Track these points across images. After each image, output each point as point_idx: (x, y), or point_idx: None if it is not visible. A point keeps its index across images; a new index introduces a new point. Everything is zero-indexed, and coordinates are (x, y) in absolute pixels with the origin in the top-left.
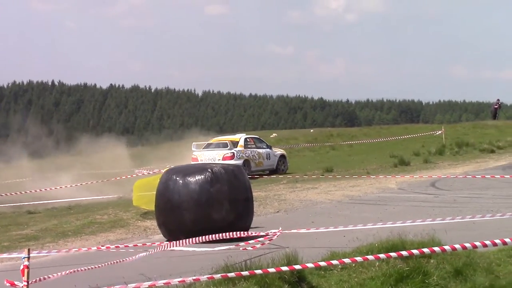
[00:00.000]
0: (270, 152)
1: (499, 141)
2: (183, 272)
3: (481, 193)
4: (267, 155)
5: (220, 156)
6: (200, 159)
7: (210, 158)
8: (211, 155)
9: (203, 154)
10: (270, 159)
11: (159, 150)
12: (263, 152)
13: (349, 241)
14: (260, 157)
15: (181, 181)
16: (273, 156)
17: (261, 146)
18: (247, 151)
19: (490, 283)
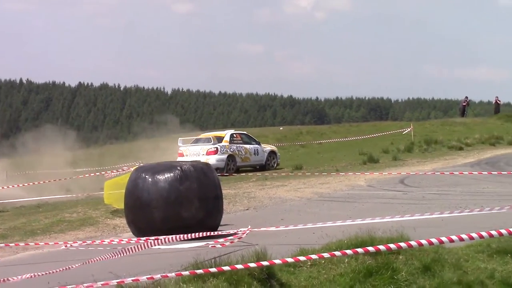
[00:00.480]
0: (259, 148)
1: (467, 139)
2: (151, 270)
3: (450, 190)
4: (255, 150)
5: (204, 151)
6: (185, 154)
7: (195, 153)
8: (195, 150)
9: (188, 149)
10: (258, 155)
11: (123, 148)
12: (250, 147)
13: (319, 238)
14: (247, 152)
15: (150, 179)
16: (261, 152)
17: (249, 142)
18: (232, 146)
19: (458, 279)
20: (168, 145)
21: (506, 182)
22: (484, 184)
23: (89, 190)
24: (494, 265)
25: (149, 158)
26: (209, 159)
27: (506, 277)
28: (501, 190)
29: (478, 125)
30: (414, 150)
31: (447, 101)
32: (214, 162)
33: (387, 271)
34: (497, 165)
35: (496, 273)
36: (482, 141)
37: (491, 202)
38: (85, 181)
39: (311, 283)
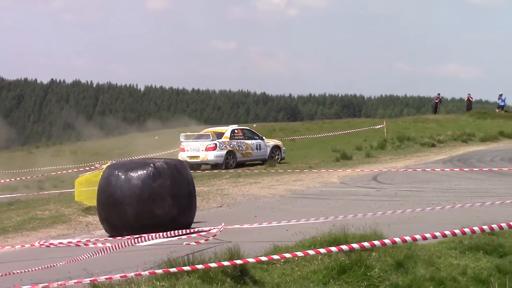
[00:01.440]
0: (261, 142)
1: (439, 135)
2: (125, 267)
3: (422, 187)
4: (258, 145)
5: (203, 147)
6: (186, 149)
7: (195, 149)
8: (195, 145)
9: (189, 144)
10: (260, 150)
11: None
12: (252, 142)
13: (292, 235)
14: (248, 147)
15: (123, 177)
16: (264, 146)
17: (252, 137)
18: (233, 142)
19: (430, 275)
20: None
21: (478, 178)
22: (456, 180)
23: (61, 187)
24: (466, 262)
25: (122, 155)
26: (208, 155)
27: (478, 273)
28: (473, 186)
29: (450, 122)
30: (387, 147)
31: (420, 98)
32: (212, 158)
33: (360, 268)
34: (469, 162)
35: (468, 270)
36: (454, 138)
37: (463, 198)
38: (57, 178)
39: (285, 280)
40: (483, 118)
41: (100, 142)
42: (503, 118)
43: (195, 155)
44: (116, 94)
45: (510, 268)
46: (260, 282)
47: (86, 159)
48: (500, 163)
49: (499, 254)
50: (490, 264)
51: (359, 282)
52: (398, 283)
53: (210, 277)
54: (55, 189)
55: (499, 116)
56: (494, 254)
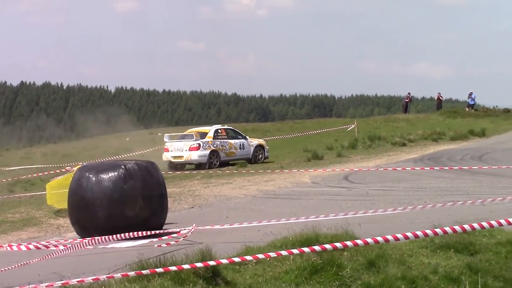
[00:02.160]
0: (245, 142)
1: (410, 135)
2: (96, 270)
3: (393, 186)
4: (241, 145)
5: (187, 147)
6: (170, 150)
7: (179, 149)
8: (179, 145)
9: (173, 144)
10: (244, 149)
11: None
12: (235, 142)
13: (264, 236)
14: (232, 147)
15: (94, 178)
16: (247, 146)
17: (235, 136)
18: (216, 141)
19: (402, 274)
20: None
21: (448, 177)
22: (427, 179)
23: (31, 190)
24: (438, 260)
25: (93, 157)
26: (192, 155)
27: (449, 271)
28: (443, 185)
29: (421, 121)
30: (358, 146)
31: (390, 98)
32: (196, 158)
33: (332, 267)
34: (440, 161)
35: (439, 268)
36: (425, 137)
37: (434, 197)
38: (28, 181)
39: (257, 281)
40: (453, 117)
41: (70, 144)
42: (472, 116)
43: (179, 155)
44: (87, 96)
45: (481, 266)
46: (232, 283)
47: (56, 161)
48: (470, 162)
49: (469, 252)
50: (461, 262)
51: (331, 282)
52: (370, 283)
53: (182, 279)
54: (25, 191)
55: (469, 115)
56: (465, 252)
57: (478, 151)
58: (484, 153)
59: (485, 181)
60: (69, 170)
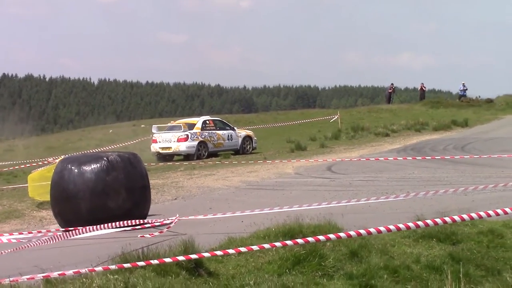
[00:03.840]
0: (233, 133)
1: (393, 125)
2: (78, 262)
3: (376, 176)
4: (229, 136)
5: (175, 138)
6: (158, 141)
7: (167, 140)
8: (167, 137)
9: (161, 136)
10: (232, 140)
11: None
12: (223, 133)
13: (247, 226)
14: (220, 138)
15: (77, 170)
16: (235, 137)
17: (223, 127)
18: (204, 133)
19: (384, 264)
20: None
21: (431, 167)
22: (410, 169)
23: (14, 182)
24: (420, 250)
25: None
26: (180, 146)
27: (431, 261)
28: (426, 175)
29: (404, 111)
30: (341, 137)
31: (374, 88)
32: (184, 149)
33: (315, 258)
34: (423, 151)
35: (421, 258)
36: (408, 127)
37: (417, 187)
38: (10, 173)
39: (239, 272)
40: (436, 107)
41: (53, 136)
42: (455, 107)
43: (167, 146)
44: (69, 88)
45: (462, 255)
46: (215, 274)
47: (39, 153)
48: (453, 152)
49: (452, 241)
50: (443, 252)
51: (313, 272)
52: (353, 272)
53: (165, 270)
54: (8, 184)
55: (452, 105)
56: (447, 241)
57: (461, 141)
58: (466, 143)
59: (467, 170)
60: (51, 162)
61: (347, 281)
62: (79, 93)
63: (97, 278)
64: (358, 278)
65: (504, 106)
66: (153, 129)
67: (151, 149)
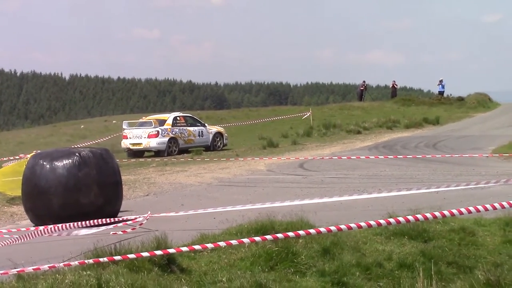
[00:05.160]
0: (204, 129)
1: (365, 122)
2: (50, 258)
3: (348, 174)
4: (200, 132)
5: (146, 134)
6: (129, 137)
7: (138, 136)
8: (138, 133)
9: (131, 132)
10: (203, 136)
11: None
12: (194, 129)
13: (219, 223)
14: (191, 134)
15: (48, 166)
16: (206, 133)
17: (194, 123)
18: (175, 129)
19: (357, 261)
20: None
21: (403, 165)
22: (382, 167)
23: None
24: (392, 247)
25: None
26: (150, 142)
27: (403, 258)
28: (398, 173)
29: (376, 109)
30: (313, 134)
31: (345, 86)
32: (155, 145)
33: (287, 255)
34: (394, 149)
35: (393, 255)
36: (380, 124)
37: (389, 184)
38: None
39: (212, 268)
40: (408, 105)
41: (24, 131)
42: (427, 105)
43: (138, 142)
44: (41, 83)
45: (434, 252)
46: (188, 270)
47: (10, 148)
48: (425, 150)
49: (423, 239)
50: (415, 249)
51: (286, 269)
52: (325, 269)
53: (137, 266)
54: None
55: (423, 103)
56: (419, 239)
57: (432, 139)
58: (438, 141)
59: (438, 168)
60: (22, 157)
61: (320, 278)
62: (50, 88)
63: (69, 274)
64: (331, 275)
65: (475, 104)
66: (124, 125)
67: (121, 145)
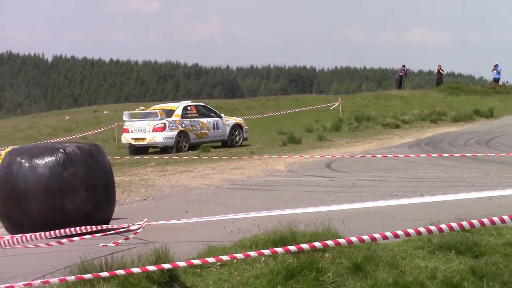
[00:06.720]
0: (219, 121)
1: (404, 115)
2: (29, 274)
3: (384, 175)
4: (215, 124)
5: (150, 127)
6: (131, 130)
7: (141, 129)
8: (141, 125)
9: (133, 124)
10: (218, 129)
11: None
12: (208, 121)
13: (230, 234)
14: (204, 127)
15: (27, 164)
16: (222, 125)
17: (208, 114)
18: (185, 121)
19: (394, 279)
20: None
21: (449, 165)
22: (424, 168)
23: None
24: (436, 263)
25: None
26: (156, 137)
27: (449, 276)
28: (443, 175)
29: (418, 98)
30: (342, 128)
31: (382, 71)
32: (161, 140)
33: (311, 271)
34: (439, 146)
35: (438, 273)
36: (422, 117)
37: (433, 188)
38: None
39: (221, 287)
40: (456, 94)
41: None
42: (478, 94)
43: (141, 137)
44: (18, 65)
45: (486, 270)
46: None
47: None
48: (476, 147)
49: (473, 254)
50: (463, 266)
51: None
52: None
53: (132, 284)
54: None
55: (474, 92)
56: (468, 254)
57: (485, 135)
58: (491, 137)
59: (492, 170)
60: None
61: None
62: (29, 72)
63: None
64: None
65: None
66: (125, 116)
67: (122, 140)
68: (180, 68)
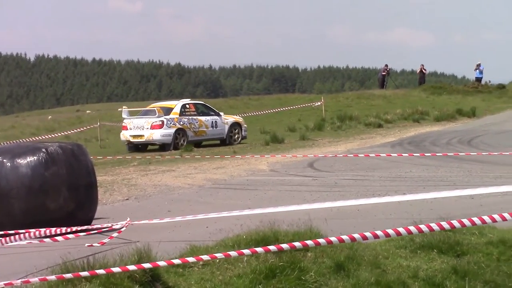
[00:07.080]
0: (218, 119)
1: (387, 114)
2: (11, 274)
3: (366, 175)
4: (213, 122)
5: (148, 125)
6: (129, 128)
7: (139, 127)
8: (140, 123)
9: (132, 122)
10: (217, 128)
11: None
12: (206, 119)
13: (212, 233)
14: (202, 125)
15: (9, 164)
16: (221, 124)
17: (206, 112)
18: (183, 119)
19: (376, 279)
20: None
21: (432, 165)
22: (407, 167)
23: None
24: (418, 263)
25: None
26: (154, 134)
27: (431, 276)
28: (426, 174)
29: (400, 98)
30: (325, 128)
31: (364, 70)
32: (158, 137)
33: (294, 271)
34: (422, 145)
35: (420, 272)
36: (405, 117)
37: (415, 188)
38: None
39: (203, 287)
40: (438, 94)
41: None
42: (461, 93)
43: (139, 134)
44: (0, 65)
45: (469, 269)
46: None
47: None
48: (458, 147)
49: (455, 253)
50: (445, 265)
51: (292, 287)
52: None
53: (114, 284)
54: None
55: (457, 91)
56: (450, 253)
57: (467, 134)
58: (474, 136)
59: (474, 169)
60: None
61: None
62: (11, 72)
63: None
64: None
65: None
66: (124, 113)
67: (120, 137)
68: (162, 68)
